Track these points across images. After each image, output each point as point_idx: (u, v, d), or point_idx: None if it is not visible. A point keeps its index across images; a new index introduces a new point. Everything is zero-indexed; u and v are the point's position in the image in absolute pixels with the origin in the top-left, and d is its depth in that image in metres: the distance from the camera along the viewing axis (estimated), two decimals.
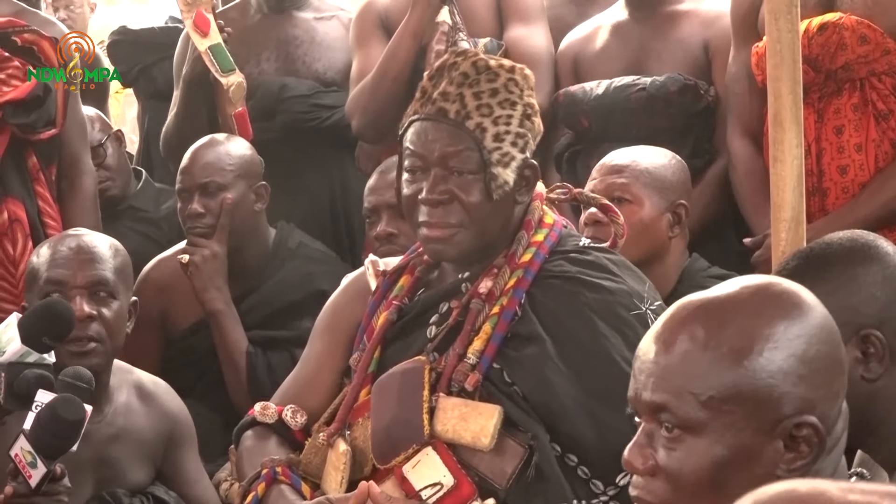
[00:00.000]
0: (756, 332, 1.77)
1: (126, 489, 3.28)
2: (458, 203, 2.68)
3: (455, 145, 2.67)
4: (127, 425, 3.32)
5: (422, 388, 2.65)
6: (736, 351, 1.76)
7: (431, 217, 2.69)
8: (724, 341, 1.77)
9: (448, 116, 2.68)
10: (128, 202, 4.58)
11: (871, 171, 3.55)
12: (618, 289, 2.71)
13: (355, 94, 4.25)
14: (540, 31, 4.19)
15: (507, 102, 2.69)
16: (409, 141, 2.73)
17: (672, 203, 3.51)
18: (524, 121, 2.71)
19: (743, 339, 1.77)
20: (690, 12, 4.06)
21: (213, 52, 4.30)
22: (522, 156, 2.70)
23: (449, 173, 2.68)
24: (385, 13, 4.34)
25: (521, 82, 2.73)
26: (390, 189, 3.88)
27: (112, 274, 3.26)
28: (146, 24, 5.41)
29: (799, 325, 1.78)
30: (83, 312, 3.19)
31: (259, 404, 2.94)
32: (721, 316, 1.79)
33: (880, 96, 3.55)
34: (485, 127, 2.67)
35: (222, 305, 3.94)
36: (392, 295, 2.85)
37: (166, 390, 3.45)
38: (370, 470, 2.73)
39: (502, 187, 2.68)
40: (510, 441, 2.62)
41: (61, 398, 2.81)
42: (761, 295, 1.81)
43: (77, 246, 3.27)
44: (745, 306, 1.79)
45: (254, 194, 4.04)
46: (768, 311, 1.78)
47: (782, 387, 1.75)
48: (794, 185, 2.73)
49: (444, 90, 2.70)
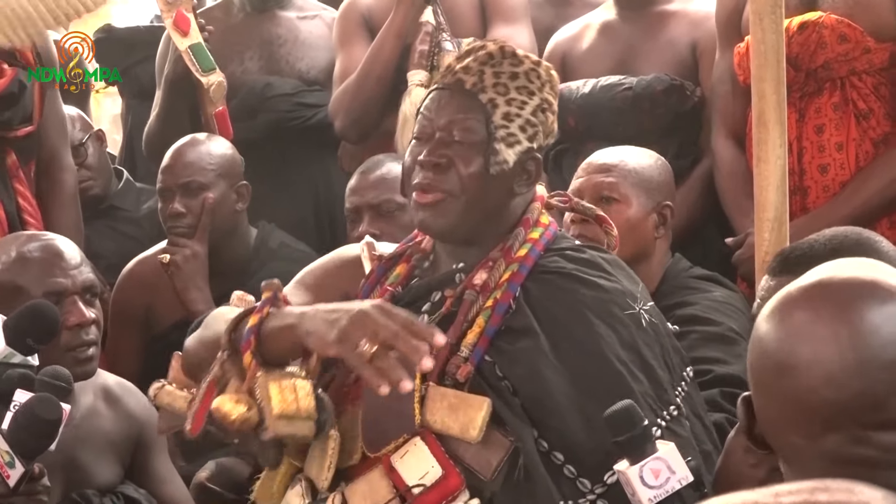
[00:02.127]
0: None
1: (95, 489, 3.27)
2: (454, 171, 2.67)
3: (464, 113, 2.68)
4: (93, 427, 3.30)
5: (414, 377, 2.64)
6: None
7: (425, 179, 2.68)
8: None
9: (464, 87, 2.69)
10: (109, 202, 4.57)
11: (851, 170, 3.56)
12: (612, 287, 2.71)
13: (338, 94, 4.24)
14: (524, 30, 4.19)
15: (525, 90, 2.70)
16: (424, 107, 2.74)
17: (658, 203, 3.51)
18: (538, 112, 2.71)
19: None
20: (679, 13, 4.06)
21: (194, 52, 4.30)
22: (528, 144, 2.70)
23: (451, 139, 2.67)
24: (368, 13, 4.33)
25: (544, 76, 2.74)
26: (372, 189, 3.89)
27: (95, 275, 3.27)
28: (131, 22, 5.40)
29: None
30: (85, 318, 3.18)
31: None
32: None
33: (861, 95, 3.56)
34: (497, 103, 2.67)
35: (203, 305, 3.93)
36: (387, 282, 2.83)
37: (133, 392, 3.43)
38: (359, 457, 2.71)
39: (501, 165, 2.67)
40: (497, 433, 2.61)
41: (38, 397, 2.80)
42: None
43: (56, 250, 3.24)
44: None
45: (235, 194, 4.03)
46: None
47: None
48: (778, 185, 2.74)
49: (468, 65, 2.71)
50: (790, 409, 1.69)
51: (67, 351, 3.15)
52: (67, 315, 3.17)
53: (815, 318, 1.67)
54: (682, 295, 3.42)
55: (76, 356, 3.16)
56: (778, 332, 1.70)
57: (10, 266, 3.23)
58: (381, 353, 2.38)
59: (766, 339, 1.71)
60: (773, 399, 1.71)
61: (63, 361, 3.06)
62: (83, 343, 3.17)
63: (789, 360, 1.68)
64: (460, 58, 2.75)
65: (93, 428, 3.30)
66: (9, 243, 3.33)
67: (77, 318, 3.17)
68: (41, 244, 3.27)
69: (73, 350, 3.15)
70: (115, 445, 3.35)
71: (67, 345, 3.16)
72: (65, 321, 3.16)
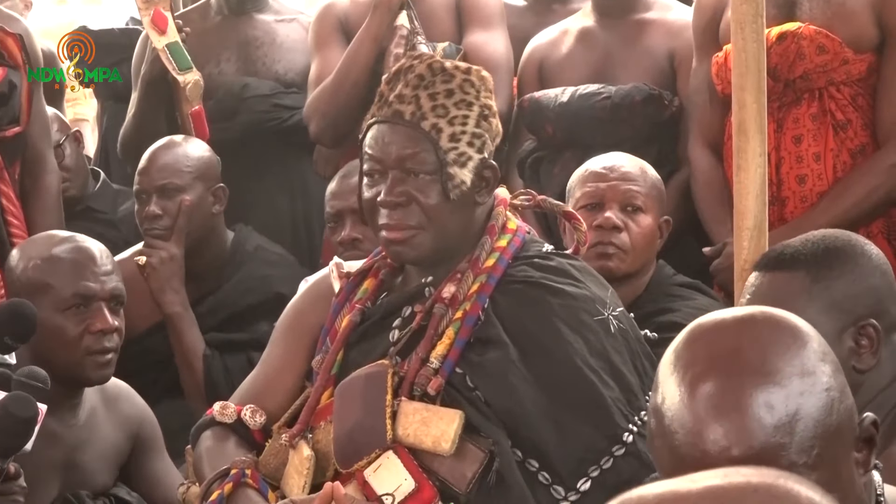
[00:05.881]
0: (803, 371, 1.63)
1: (90, 491, 3.27)
2: (416, 204, 2.68)
3: (412, 147, 2.67)
4: (94, 430, 3.30)
5: (385, 393, 2.65)
6: (805, 397, 1.62)
7: (391, 219, 2.69)
8: (790, 396, 1.62)
9: (404, 118, 2.68)
10: (85, 203, 4.55)
11: (829, 180, 3.57)
12: (581, 294, 2.72)
13: (314, 98, 4.24)
14: (499, 36, 4.18)
15: (463, 103, 2.70)
16: (368, 145, 2.73)
17: (662, 216, 3.54)
18: (481, 121, 2.71)
19: (801, 384, 1.63)
20: (657, 21, 4.07)
21: (171, 50, 4.29)
22: (480, 156, 2.71)
23: (406, 175, 2.68)
24: (345, 17, 4.33)
25: (477, 83, 2.73)
26: (353, 194, 3.87)
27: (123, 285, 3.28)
28: (105, 25, 5.38)
29: (814, 340, 1.67)
30: (109, 325, 3.19)
31: (218, 404, 2.93)
32: (763, 378, 1.63)
33: (839, 106, 3.57)
34: (440, 127, 2.67)
35: (179, 308, 3.93)
36: (356, 298, 2.84)
37: (129, 393, 3.44)
38: (332, 474, 2.72)
39: (459, 187, 2.68)
40: (471, 446, 2.62)
41: (13, 395, 2.77)
42: (767, 337, 1.67)
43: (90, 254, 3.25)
44: (769, 355, 1.65)
45: (212, 196, 4.02)
46: (791, 347, 1.66)
47: (847, 402, 1.66)
48: (758, 194, 2.74)
49: (400, 93, 2.70)
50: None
51: (87, 355, 3.16)
52: (92, 320, 3.19)
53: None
54: (665, 302, 3.43)
55: (95, 360, 3.17)
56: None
57: (41, 264, 3.24)
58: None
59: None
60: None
61: (82, 365, 3.10)
62: (104, 349, 3.19)
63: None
64: (390, 83, 2.74)
65: (94, 429, 3.30)
66: (43, 241, 3.35)
67: (102, 325, 3.18)
68: (75, 245, 3.28)
69: (92, 354, 3.16)
70: (114, 447, 3.35)
71: (88, 349, 3.17)
72: (89, 326, 3.18)
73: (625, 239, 3.44)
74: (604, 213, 3.44)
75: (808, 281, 2.41)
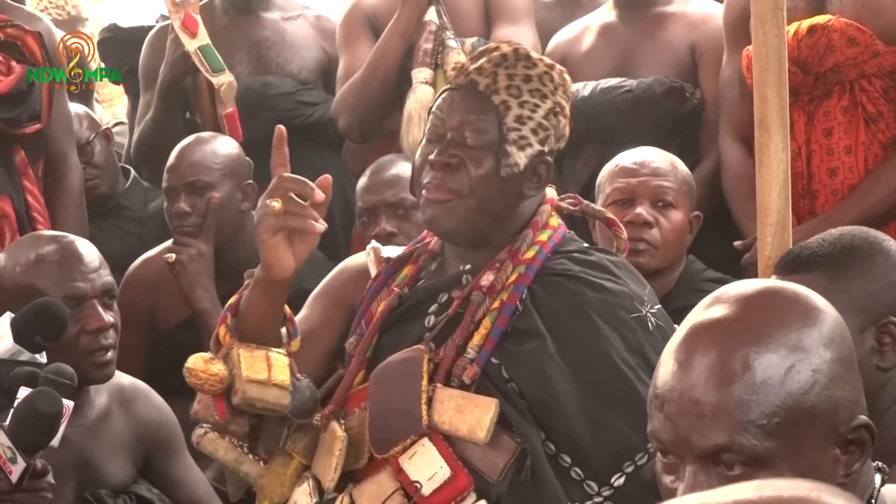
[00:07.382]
0: (797, 345, 1.67)
1: (108, 490, 3.27)
2: (464, 171, 2.67)
3: (476, 114, 2.67)
4: (107, 428, 3.29)
5: (420, 378, 2.64)
6: (787, 369, 1.66)
7: (434, 179, 2.68)
8: (771, 363, 1.66)
9: (477, 88, 2.69)
10: (115, 200, 4.57)
11: (860, 173, 3.56)
12: (619, 290, 2.71)
13: (342, 94, 4.24)
14: (527, 31, 4.18)
15: (538, 93, 2.70)
16: (436, 107, 2.74)
17: (692, 211, 3.52)
18: (550, 115, 2.71)
19: (789, 356, 1.67)
20: (678, 14, 4.06)
21: (203, 53, 4.30)
22: (540, 147, 2.70)
23: (463, 141, 2.67)
24: (373, 13, 4.34)
25: (557, 80, 2.74)
26: (388, 188, 3.89)
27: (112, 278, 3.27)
28: (136, 22, 5.40)
29: (826, 325, 1.70)
30: (104, 322, 3.18)
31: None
32: (753, 337, 1.68)
33: (870, 99, 3.55)
34: (510, 105, 2.67)
35: (209, 304, 3.93)
36: (395, 283, 2.83)
37: (146, 393, 3.43)
38: (366, 461, 2.71)
39: (512, 168, 2.67)
40: (503, 435, 2.61)
41: (38, 391, 2.77)
42: (777, 306, 1.71)
43: (75, 253, 3.23)
44: (770, 321, 1.70)
45: (240, 193, 4.03)
46: (795, 322, 1.69)
47: (837, 393, 1.68)
48: (780, 189, 2.72)
49: (481, 66, 2.71)
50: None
51: (86, 355, 3.15)
52: (87, 319, 3.17)
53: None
54: (695, 297, 3.36)
55: (94, 360, 3.16)
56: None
57: (28, 268, 3.21)
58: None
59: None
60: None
61: (82, 365, 3.06)
62: (102, 347, 3.17)
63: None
64: (474, 58, 2.75)
65: (106, 428, 3.30)
66: (28, 244, 3.32)
67: (96, 323, 3.17)
68: (60, 246, 3.25)
69: (91, 354, 3.15)
70: (128, 446, 3.34)
71: (86, 349, 3.16)
72: (84, 325, 3.16)
73: (655, 235, 3.43)
74: (635, 208, 3.43)
75: (826, 282, 2.39)
